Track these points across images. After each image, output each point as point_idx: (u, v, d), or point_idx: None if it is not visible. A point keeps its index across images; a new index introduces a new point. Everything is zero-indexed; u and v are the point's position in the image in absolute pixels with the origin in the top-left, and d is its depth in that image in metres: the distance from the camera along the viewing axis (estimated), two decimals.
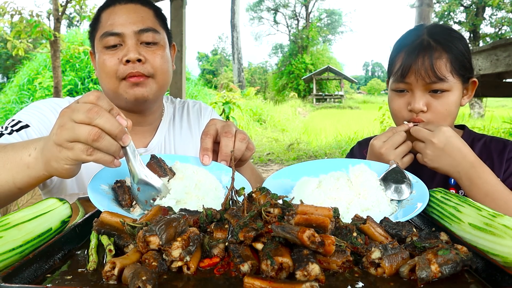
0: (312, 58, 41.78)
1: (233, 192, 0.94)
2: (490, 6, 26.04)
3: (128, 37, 1.57)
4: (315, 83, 37.03)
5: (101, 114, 0.93)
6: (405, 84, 1.52)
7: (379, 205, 1.10)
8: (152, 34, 1.61)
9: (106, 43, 1.58)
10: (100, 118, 0.93)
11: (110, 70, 1.57)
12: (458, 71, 1.50)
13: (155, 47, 1.63)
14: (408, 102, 1.54)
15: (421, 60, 1.47)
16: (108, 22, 1.60)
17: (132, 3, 1.65)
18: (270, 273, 0.68)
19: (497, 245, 0.80)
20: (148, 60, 1.59)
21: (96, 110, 0.92)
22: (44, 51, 10.01)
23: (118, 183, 1.13)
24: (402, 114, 1.56)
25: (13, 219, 0.82)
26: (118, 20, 1.59)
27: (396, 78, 1.55)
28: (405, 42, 1.58)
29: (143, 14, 1.64)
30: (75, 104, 0.96)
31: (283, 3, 51.62)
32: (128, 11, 1.62)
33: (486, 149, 1.63)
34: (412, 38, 1.56)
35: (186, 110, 2.01)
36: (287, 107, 23.19)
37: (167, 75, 1.70)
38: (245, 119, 14.57)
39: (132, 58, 1.54)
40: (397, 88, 1.56)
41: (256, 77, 51.57)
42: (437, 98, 1.50)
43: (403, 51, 1.55)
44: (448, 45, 1.50)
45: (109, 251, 0.77)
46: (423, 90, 1.50)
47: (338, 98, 35.45)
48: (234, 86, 20.43)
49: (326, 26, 54.33)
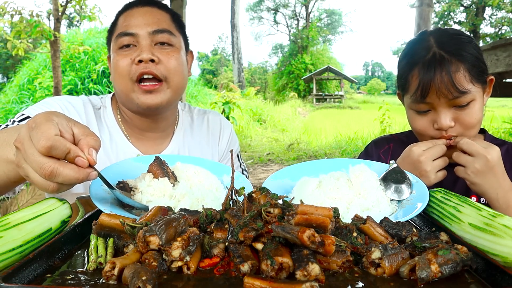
0: (312, 58, 41.77)
1: (233, 192, 0.94)
2: (490, 6, 26.04)
3: (142, 37, 1.55)
4: (315, 83, 37.03)
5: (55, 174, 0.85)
6: (427, 104, 1.44)
7: (379, 205, 1.10)
8: (167, 35, 1.59)
9: (120, 44, 1.57)
10: (56, 178, 0.86)
11: (122, 71, 1.54)
12: (477, 78, 1.43)
13: (170, 48, 1.60)
14: (433, 120, 1.46)
15: (439, 77, 1.39)
16: (124, 23, 1.60)
17: (149, 6, 1.65)
18: (270, 273, 0.68)
19: (497, 245, 0.80)
20: (161, 61, 1.55)
21: (48, 173, 0.84)
22: (44, 51, 10.01)
23: (120, 184, 1.13)
24: (429, 133, 1.48)
25: (13, 219, 0.82)
26: (134, 22, 1.58)
27: (415, 99, 1.46)
28: (416, 58, 1.48)
29: (159, 17, 1.63)
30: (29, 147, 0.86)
31: (283, 3, 51.63)
32: (144, 13, 1.61)
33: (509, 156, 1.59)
34: (422, 52, 1.47)
35: (207, 122, 1.94)
36: (287, 107, 23.18)
37: (182, 79, 1.64)
38: (245, 119, 14.57)
39: (145, 58, 1.51)
40: (419, 110, 1.48)
41: (256, 77, 51.58)
42: (463, 110, 1.43)
43: (417, 69, 1.46)
44: (462, 54, 1.42)
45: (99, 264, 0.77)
46: (447, 106, 1.42)
47: (338, 98, 35.45)
48: (234, 86, 20.44)
49: (326, 26, 54.33)
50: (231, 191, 0.93)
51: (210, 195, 1.12)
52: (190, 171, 1.24)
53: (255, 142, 12.15)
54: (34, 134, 0.85)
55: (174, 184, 1.15)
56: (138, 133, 1.71)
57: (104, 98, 1.77)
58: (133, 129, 1.72)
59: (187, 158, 1.38)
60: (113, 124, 1.71)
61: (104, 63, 13.34)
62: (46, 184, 0.87)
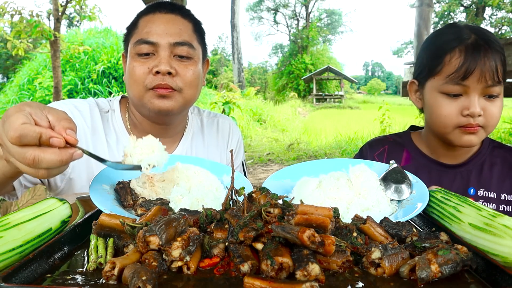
0: (312, 58, 41.77)
1: (233, 192, 0.94)
2: (490, 6, 26.05)
3: (162, 47, 1.53)
4: (315, 83, 37.02)
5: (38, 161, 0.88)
6: (463, 86, 1.41)
7: (379, 205, 1.10)
8: (187, 48, 1.56)
9: (139, 50, 1.54)
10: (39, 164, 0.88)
11: (138, 78, 1.53)
12: (503, 74, 1.43)
13: (188, 61, 1.58)
14: (462, 106, 1.43)
15: (483, 61, 1.38)
16: (145, 29, 1.56)
17: (172, 13, 1.61)
18: (270, 273, 0.68)
19: (497, 245, 0.80)
20: (178, 74, 1.54)
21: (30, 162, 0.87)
22: (44, 51, 10.01)
23: (120, 184, 1.13)
24: (454, 119, 1.45)
25: (13, 219, 0.82)
26: (155, 29, 1.55)
27: (453, 79, 1.42)
28: (455, 40, 1.45)
29: (182, 27, 1.59)
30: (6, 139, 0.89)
31: (283, 3, 51.63)
32: (166, 21, 1.57)
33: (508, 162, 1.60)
34: (463, 35, 1.45)
35: (216, 125, 1.94)
36: (287, 107, 23.18)
37: (195, 91, 1.64)
38: (245, 119, 14.57)
39: (163, 70, 1.49)
40: (451, 92, 1.44)
41: (256, 77, 51.58)
42: (491, 102, 1.43)
43: (458, 50, 1.43)
44: (496, 48, 1.42)
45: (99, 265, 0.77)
46: (480, 94, 1.42)
47: (338, 98, 35.44)
48: (234, 86, 20.42)
49: (326, 26, 54.34)
50: (231, 191, 0.93)
51: (210, 195, 1.12)
52: (190, 171, 1.24)
53: (255, 142, 12.15)
54: (5, 128, 0.88)
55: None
56: None
57: (113, 101, 1.77)
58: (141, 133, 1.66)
59: (187, 158, 1.38)
60: (121, 128, 1.70)
61: (104, 63, 13.33)
62: (35, 172, 0.90)
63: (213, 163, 1.40)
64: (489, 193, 1.57)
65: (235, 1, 33.28)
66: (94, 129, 1.65)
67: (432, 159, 1.66)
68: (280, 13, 53.05)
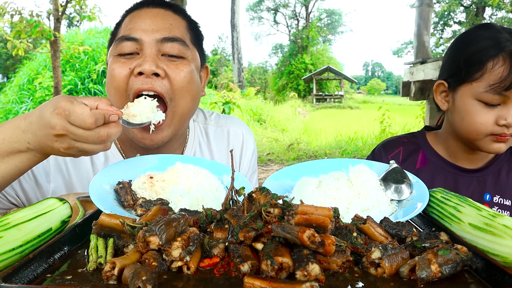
0: (312, 58, 41.76)
1: (233, 192, 0.94)
2: (490, 6, 26.04)
3: (147, 45, 1.28)
4: (315, 83, 37.02)
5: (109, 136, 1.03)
6: (503, 97, 1.38)
7: (379, 205, 1.10)
8: (178, 45, 1.31)
9: (120, 49, 1.30)
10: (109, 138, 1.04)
11: (118, 83, 1.28)
12: None
13: (179, 61, 1.32)
14: (500, 115, 1.40)
15: None
16: (128, 25, 1.33)
17: (162, 7, 1.36)
18: (270, 273, 0.68)
19: (497, 245, 0.80)
20: (168, 76, 1.28)
21: (105, 137, 1.03)
22: (44, 51, 10.02)
23: (120, 184, 1.13)
24: (489, 128, 1.42)
25: (13, 219, 0.82)
26: (140, 25, 1.30)
27: (494, 89, 1.37)
28: (498, 46, 1.39)
29: (173, 22, 1.34)
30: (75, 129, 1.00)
31: (283, 3, 51.62)
32: (154, 16, 1.33)
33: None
34: (505, 41, 1.39)
35: (227, 137, 1.65)
36: (287, 107, 23.18)
37: (191, 101, 1.36)
38: (245, 119, 14.58)
39: (147, 70, 1.24)
40: (491, 102, 1.40)
41: (256, 77, 51.56)
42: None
43: (501, 57, 1.37)
44: None
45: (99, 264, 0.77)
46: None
47: (338, 98, 35.45)
48: (234, 86, 20.42)
49: (326, 26, 54.33)
50: (231, 191, 0.93)
51: (210, 195, 1.12)
52: (190, 171, 1.24)
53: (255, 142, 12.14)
54: (75, 119, 0.98)
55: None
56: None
57: None
58: (132, 151, 1.48)
59: (187, 158, 1.38)
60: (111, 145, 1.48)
61: (104, 63, 13.34)
62: (103, 147, 1.06)
63: (213, 163, 1.40)
64: (504, 200, 1.56)
65: (235, 1, 33.26)
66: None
67: (449, 162, 1.63)
68: (280, 13, 53.05)
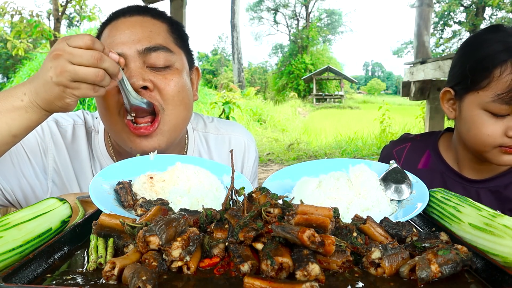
0: (312, 58, 41.77)
1: (233, 192, 0.94)
2: (490, 6, 26.04)
3: (130, 59, 1.25)
4: (315, 83, 37.03)
5: (103, 59, 1.05)
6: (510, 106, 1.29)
7: (379, 205, 1.10)
8: (163, 54, 1.27)
9: None
10: (103, 63, 1.05)
11: (108, 104, 1.27)
12: None
13: (166, 71, 1.29)
14: (508, 127, 1.31)
15: None
16: (107, 40, 1.29)
17: (139, 15, 1.32)
18: (270, 273, 0.68)
19: (497, 245, 0.80)
20: (157, 87, 1.27)
21: (99, 57, 1.04)
22: (44, 51, 10.02)
23: (120, 184, 1.13)
24: (498, 140, 1.34)
25: (13, 219, 0.82)
26: (120, 37, 1.27)
27: (502, 99, 1.28)
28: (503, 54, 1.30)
29: (152, 29, 1.30)
30: (70, 48, 1.03)
31: (283, 3, 51.63)
32: (132, 25, 1.29)
33: None
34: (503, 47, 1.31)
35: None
36: (287, 107, 23.18)
37: (184, 109, 1.33)
38: (245, 119, 14.58)
39: (135, 86, 1.22)
40: (499, 112, 1.31)
41: (256, 77, 51.56)
42: None
43: (509, 65, 1.28)
44: None
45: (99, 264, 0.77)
46: None
47: (338, 98, 35.45)
48: (234, 86, 20.42)
49: (326, 26, 54.34)
50: (231, 191, 0.93)
51: (210, 195, 1.12)
52: (190, 171, 1.24)
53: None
54: (75, 39, 1.04)
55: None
56: None
57: (99, 120, 1.49)
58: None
59: (187, 158, 1.38)
60: (104, 153, 1.45)
61: None
62: (96, 72, 1.04)
63: (213, 163, 1.40)
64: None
65: (235, 1, 33.26)
66: (76, 152, 1.44)
67: (452, 168, 1.55)
68: (280, 13, 53.06)
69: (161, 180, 1.19)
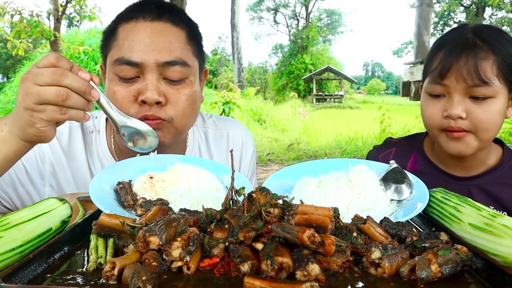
0: (312, 58, 41.76)
1: (233, 192, 0.94)
2: (490, 6, 26.05)
3: (148, 69, 1.26)
4: (315, 83, 37.02)
5: (65, 74, 0.97)
6: (443, 86, 1.35)
7: (379, 205, 1.10)
8: (179, 68, 1.30)
9: (120, 72, 1.28)
10: (66, 78, 0.97)
11: (121, 107, 1.27)
12: (506, 76, 1.31)
13: (180, 85, 1.32)
14: (444, 108, 1.35)
15: (464, 60, 1.30)
16: (125, 42, 1.29)
17: (160, 20, 1.32)
18: (270, 273, 0.68)
19: (497, 245, 0.80)
20: (169, 102, 1.30)
21: (60, 72, 0.97)
22: (44, 51, 10.02)
23: (120, 184, 1.13)
24: (436, 121, 1.38)
25: (13, 219, 0.82)
26: (139, 45, 1.27)
27: (432, 78, 1.37)
28: (446, 40, 1.41)
29: (172, 39, 1.31)
30: (36, 69, 0.99)
31: (283, 3, 51.63)
32: (153, 33, 1.28)
33: None
34: (455, 36, 1.40)
35: (226, 140, 1.68)
36: (287, 107, 23.17)
37: (190, 119, 1.39)
38: (245, 119, 14.57)
39: (150, 100, 1.25)
40: (432, 92, 1.39)
41: (256, 77, 51.57)
42: (479, 105, 1.31)
43: (443, 49, 1.38)
44: (497, 45, 1.32)
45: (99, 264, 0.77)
46: (463, 95, 1.32)
47: (338, 98, 35.44)
48: (234, 86, 20.42)
49: (326, 26, 54.34)
50: (231, 191, 0.93)
51: (210, 195, 1.12)
52: (190, 171, 1.24)
53: (255, 142, 12.13)
54: (41, 59, 1.01)
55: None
56: None
57: (99, 120, 1.53)
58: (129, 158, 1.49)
59: (187, 158, 1.38)
60: (106, 152, 1.48)
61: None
62: (57, 90, 0.97)
63: (213, 163, 1.40)
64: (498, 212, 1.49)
65: (235, 1, 33.26)
66: (72, 154, 1.45)
67: (439, 168, 1.55)
68: (280, 13, 53.05)
69: (161, 180, 1.20)
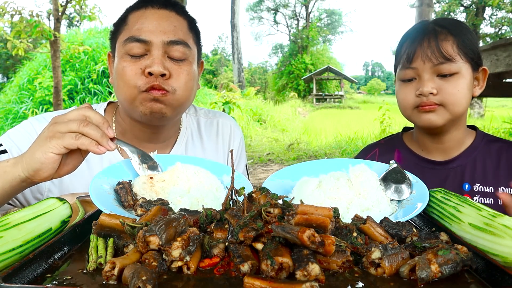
0: (312, 58, 41.74)
1: (233, 192, 0.94)
2: (490, 6, 26.04)
3: (155, 46, 1.42)
4: (315, 83, 37.02)
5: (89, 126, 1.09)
6: (412, 70, 1.50)
7: (379, 205, 1.10)
8: (182, 48, 1.46)
9: (129, 50, 1.42)
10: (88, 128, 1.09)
11: (129, 80, 1.42)
12: (466, 53, 1.46)
13: (182, 62, 1.47)
14: (416, 88, 1.49)
15: (426, 42, 1.46)
16: (135, 26, 1.45)
17: (166, 9, 1.49)
18: (270, 273, 0.68)
19: (497, 245, 0.80)
20: (172, 76, 1.44)
21: (86, 123, 1.09)
22: (44, 51, 10.02)
23: (120, 185, 1.13)
24: (410, 101, 1.52)
25: (13, 219, 0.82)
26: (148, 26, 1.43)
27: (402, 65, 1.53)
28: (410, 31, 1.58)
29: (176, 24, 1.48)
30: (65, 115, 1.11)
31: (283, 3, 51.61)
32: (160, 18, 1.46)
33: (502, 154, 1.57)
34: (417, 27, 1.56)
35: (216, 126, 1.84)
36: (287, 107, 23.17)
37: (190, 93, 1.53)
38: (245, 119, 14.57)
39: (156, 72, 1.39)
40: (404, 77, 1.53)
41: (256, 77, 51.56)
42: (447, 81, 1.46)
43: (408, 39, 1.54)
44: (454, 29, 1.48)
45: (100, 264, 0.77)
46: (431, 73, 1.46)
47: (338, 98, 35.44)
48: (234, 86, 20.43)
49: (326, 26, 54.30)
50: (231, 191, 0.93)
51: (210, 195, 1.12)
52: (190, 171, 1.24)
53: (255, 142, 12.14)
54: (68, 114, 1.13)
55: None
56: (135, 144, 1.59)
57: (99, 108, 1.66)
58: (131, 140, 1.62)
59: (187, 158, 1.38)
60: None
61: (104, 63, 13.32)
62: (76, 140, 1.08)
63: (213, 163, 1.40)
64: (485, 188, 1.55)
65: (235, 1, 33.26)
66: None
67: (423, 157, 1.66)
68: (280, 13, 53.05)
69: (161, 180, 1.20)
